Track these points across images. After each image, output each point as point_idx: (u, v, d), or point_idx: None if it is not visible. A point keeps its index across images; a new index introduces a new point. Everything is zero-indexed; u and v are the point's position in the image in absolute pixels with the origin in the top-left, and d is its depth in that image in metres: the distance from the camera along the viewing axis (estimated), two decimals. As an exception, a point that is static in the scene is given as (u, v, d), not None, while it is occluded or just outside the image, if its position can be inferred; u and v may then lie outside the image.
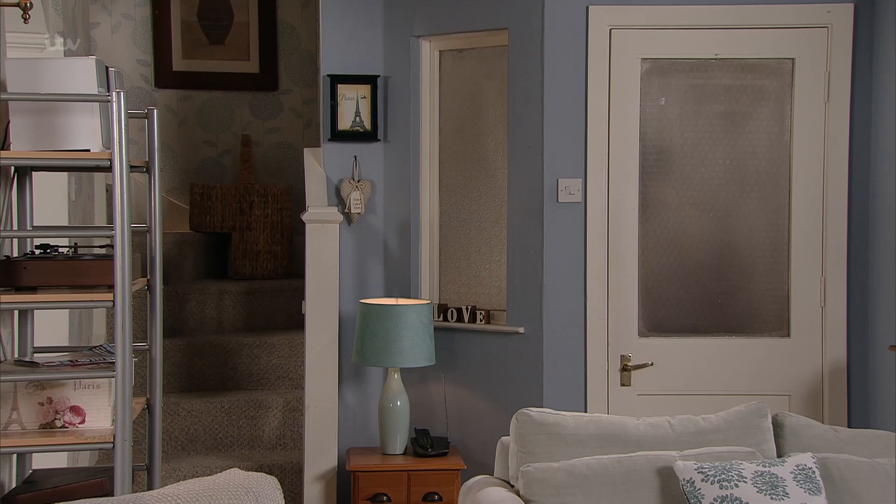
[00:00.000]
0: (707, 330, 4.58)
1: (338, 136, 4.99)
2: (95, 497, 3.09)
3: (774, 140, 4.55)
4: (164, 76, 5.90)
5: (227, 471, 2.75)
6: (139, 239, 4.79)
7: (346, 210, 4.96)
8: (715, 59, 4.52)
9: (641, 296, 4.58)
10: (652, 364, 4.53)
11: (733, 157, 4.56)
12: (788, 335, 4.55)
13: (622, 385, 4.54)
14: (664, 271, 4.59)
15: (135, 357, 3.32)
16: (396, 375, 4.75)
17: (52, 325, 4.35)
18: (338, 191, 4.99)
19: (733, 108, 4.55)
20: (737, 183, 4.57)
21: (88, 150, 3.09)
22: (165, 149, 5.95)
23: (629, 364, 4.53)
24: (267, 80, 5.93)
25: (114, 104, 3.00)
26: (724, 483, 3.16)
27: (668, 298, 4.60)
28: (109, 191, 5.22)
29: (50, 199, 4.33)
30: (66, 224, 4.43)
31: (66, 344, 4.48)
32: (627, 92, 4.52)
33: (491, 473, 3.72)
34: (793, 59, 4.49)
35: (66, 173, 4.42)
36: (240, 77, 5.92)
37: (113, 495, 3.05)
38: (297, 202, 5.70)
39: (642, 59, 4.53)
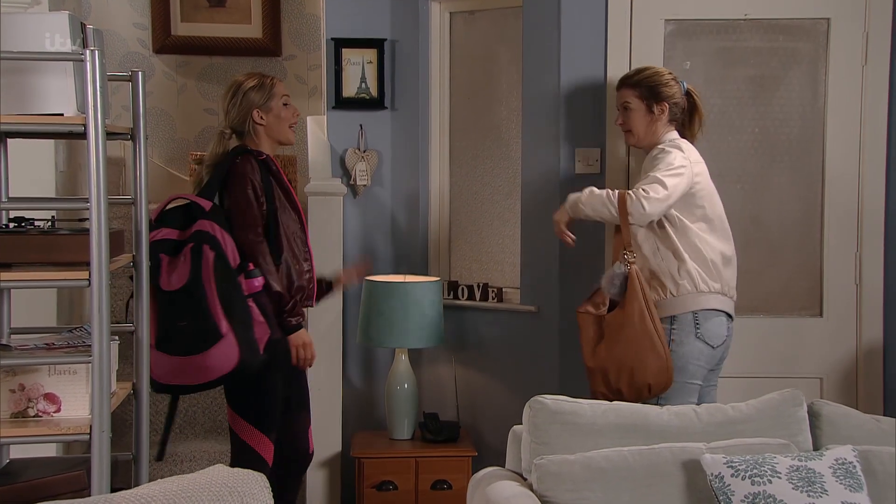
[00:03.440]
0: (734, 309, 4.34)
1: (342, 103, 4.79)
2: (71, 491, 2.87)
3: (807, 106, 4.29)
4: (163, 41, 5.65)
5: (211, 467, 2.51)
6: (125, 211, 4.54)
7: (352, 182, 4.76)
8: (744, 19, 4.26)
9: (664, 273, 4.33)
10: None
11: (763, 125, 4.31)
12: (821, 315, 4.30)
13: (643, 367, 4.32)
14: (688, 247, 4.34)
15: (116, 339, 3.09)
16: (404, 356, 4.55)
17: (38, 303, 4.13)
18: (342, 161, 4.79)
19: (763, 72, 4.29)
20: (767, 152, 4.32)
21: (62, 115, 2.84)
22: (164, 117, 5.71)
23: (651, 345, 4.30)
24: (269, 44, 5.68)
25: (87, 63, 2.74)
26: (757, 478, 2.91)
27: (691, 275, 4.35)
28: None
29: (35, 170, 4.09)
30: (53, 196, 4.20)
31: (55, 324, 4.25)
32: (650, 56, 4.26)
33: (503, 459, 3.50)
34: (828, 18, 4.21)
35: (52, 141, 4.18)
36: (241, 42, 5.68)
37: (89, 489, 2.81)
38: (302, 173, 5.47)
39: (666, 20, 4.28)
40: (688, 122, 3.96)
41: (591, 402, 3.24)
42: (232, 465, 3.76)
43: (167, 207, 3.71)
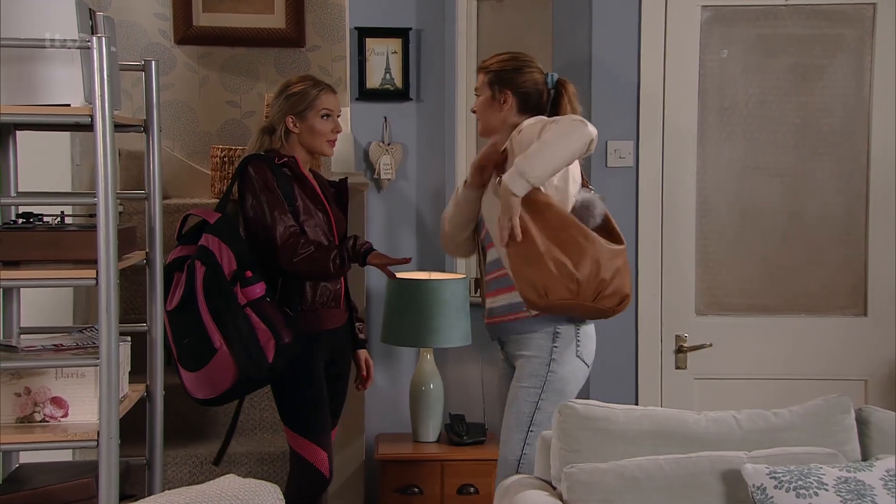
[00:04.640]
0: (772, 308, 4.21)
1: (366, 94, 4.67)
2: (79, 500, 2.76)
3: (851, 96, 4.12)
4: (185, 32, 5.52)
5: (222, 478, 2.39)
6: (138, 206, 4.42)
7: (376, 175, 4.64)
8: (785, 5, 4.11)
9: (699, 270, 4.20)
10: (710, 345, 4.18)
11: (804, 116, 4.15)
12: (865, 314, 4.14)
13: (677, 368, 4.21)
14: (725, 243, 4.22)
15: (126, 339, 2.96)
16: (429, 356, 4.43)
17: (54, 300, 4.02)
18: (366, 155, 4.68)
19: (805, 60, 4.13)
20: (808, 144, 4.16)
21: (68, 105, 2.71)
22: (186, 109, 5.60)
23: (685, 345, 4.19)
24: (293, 35, 5.56)
25: (94, 51, 2.61)
26: (802, 491, 2.74)
27: (728, 273, 4.23)
28: (121, 153, 4.87)
29: (50, 163, 3.98)
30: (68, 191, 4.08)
31: (70, 323, 4.14)
32: (685, 44, 4.12)
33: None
34: (874, 3, 4.05)
35: (67, 134, 4.06)
36: (264, 32, 5.56)
37: (97, 497, 2.69)
38: (324, 167, 5.36)
39: (702, 6, 4.14)
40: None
41: (625, 408, 3.08)
42: (290, 484, 3.69)
43: (186, 224, 3.63)
